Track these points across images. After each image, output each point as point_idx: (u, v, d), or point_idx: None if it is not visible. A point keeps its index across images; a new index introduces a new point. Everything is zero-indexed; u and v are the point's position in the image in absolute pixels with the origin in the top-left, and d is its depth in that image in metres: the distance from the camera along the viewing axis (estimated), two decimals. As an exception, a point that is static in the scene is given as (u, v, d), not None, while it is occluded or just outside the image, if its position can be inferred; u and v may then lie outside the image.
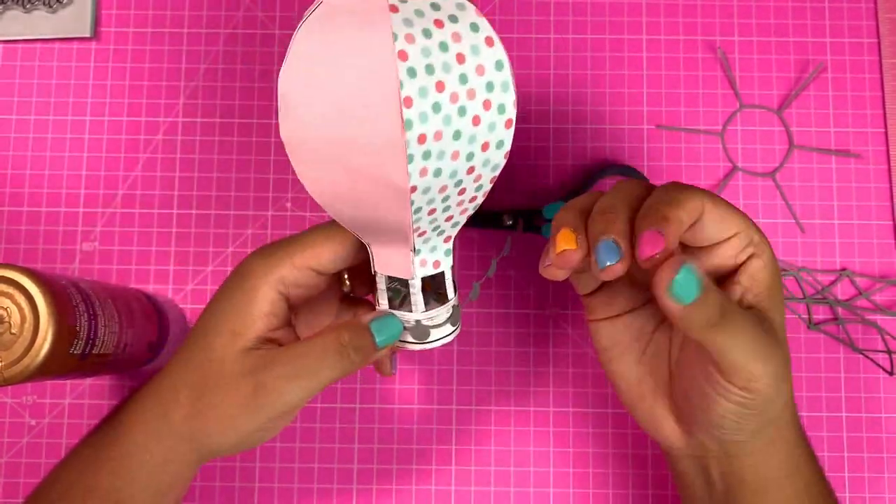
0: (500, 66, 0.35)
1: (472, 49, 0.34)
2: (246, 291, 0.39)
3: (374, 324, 0.39)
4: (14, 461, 0.53)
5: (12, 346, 0.38)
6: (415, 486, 0.53)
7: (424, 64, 0.33)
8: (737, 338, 0.35)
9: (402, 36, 0.32)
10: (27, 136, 0.56)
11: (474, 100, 0.34)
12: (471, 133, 0.34)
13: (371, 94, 0.33)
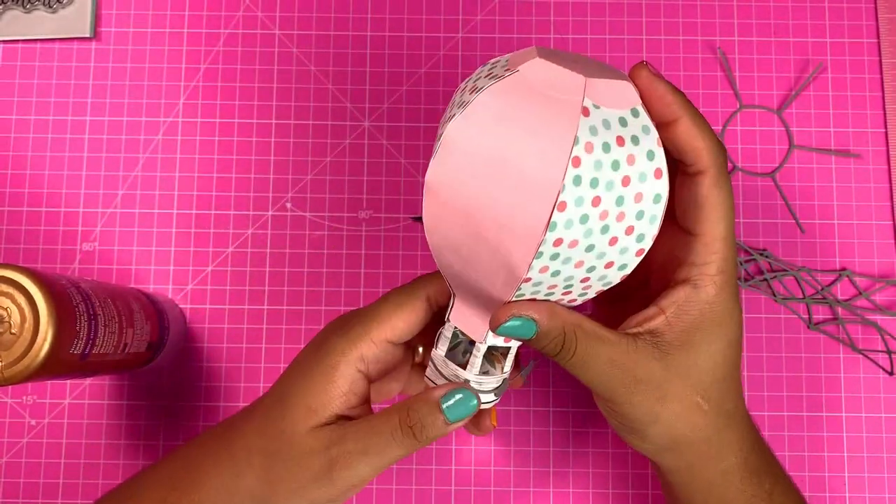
0: (657, 199, 0.34)
1: (640, 176, 0.33)
2: (325, 370, 0.39)
3: (445, 400, 0.38)
4: (14, 461, 0.53)
5: (12, 346, 0.38)
6: (415, 487, 0.53)
7: (591, 177, 0.32)
8: (585, 365, 0.37)
9: (583, 143, 0.32)
10: (27, 136, 0.56)
11: (621, 223, 0.34)
12: (603, 251, 0.34)
13: (532, 182, 0.32)
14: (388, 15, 0.57)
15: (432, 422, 0.38)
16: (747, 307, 0.54)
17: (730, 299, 0.38)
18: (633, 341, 0.37)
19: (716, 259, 0.37)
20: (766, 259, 0.54)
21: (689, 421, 0.38)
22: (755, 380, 0.53)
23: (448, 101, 0.56)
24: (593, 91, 0.33)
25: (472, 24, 0.57)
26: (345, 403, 0.39)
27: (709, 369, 0.38)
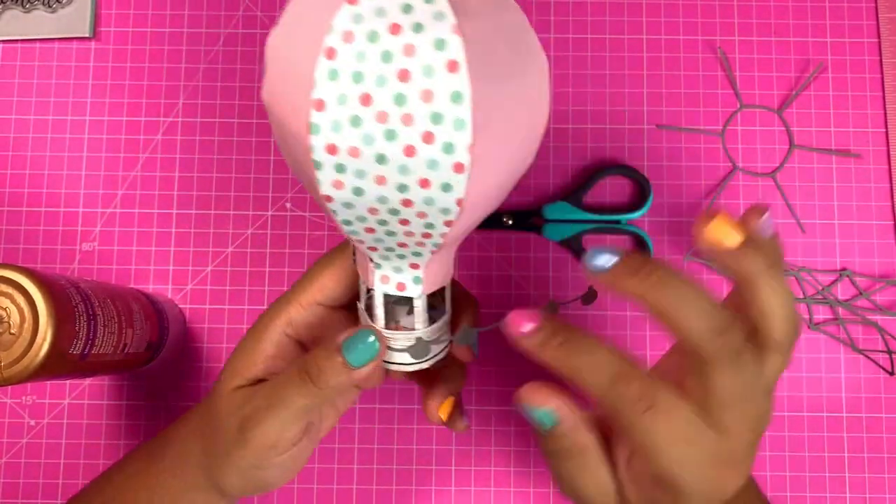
0: (457, 97, 0.29)
1: (424, 69, 0.28)
2: (255, 333, 0.39)
3: (346, 342, 0.35)
4: (14, 461, 0.53)
5: (12, 347, 0.38)
6: (415, 487, 0.53)
7: (353, 70, 0.28)
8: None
9: (339, 31, 0.29)
10: (27, 135, 0.56)
11: (410, 126, 0.29)
12: (402, 163, 0.29)
13: (293, 80, 0.30)
14: (388, 15, 0.57)
15: (331, 365, 0.35)
16: (748, 307, 0.54)
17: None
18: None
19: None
20: (766, 259, 0.54)
21: None
22: (755, 380, 0.53)
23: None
24: None
25: (472, 24, 0.57)
26: (269, 367, 0.38)
27: None
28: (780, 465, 0.53)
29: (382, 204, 0.31)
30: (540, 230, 0.54)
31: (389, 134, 0.29)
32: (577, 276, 0.55)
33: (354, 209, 0.31)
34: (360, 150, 0.29)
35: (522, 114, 0.31)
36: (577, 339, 0.33)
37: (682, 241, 0.55)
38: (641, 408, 0.31)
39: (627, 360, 0.32)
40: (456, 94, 0.29)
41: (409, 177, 0.30)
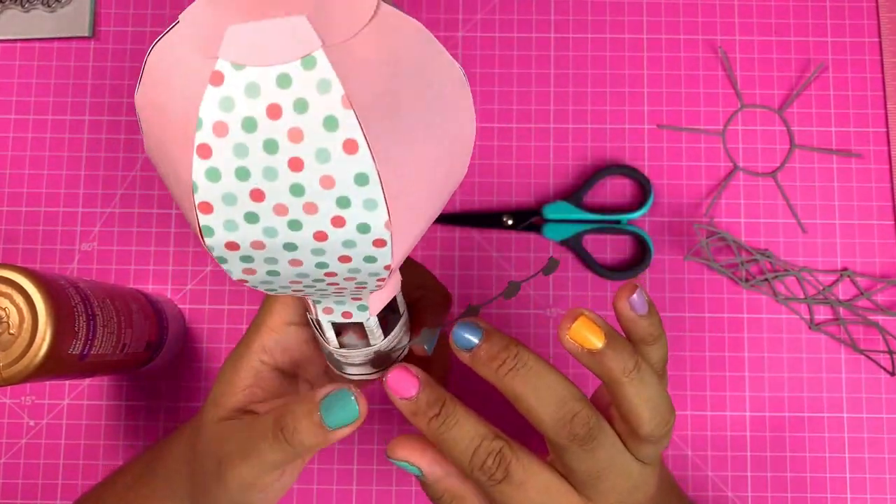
0: (362, 179, 0.25)
1: (317, 154, 0.25)
2: (233, 362, 0.38)
3: (325, 402, 0.34)
4: (13, 462, 0.53)
5: (11, 347, 0.38)
6: (415, 488, 0.53)
7: (235, 167, 0.25)
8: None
9: (208, 125, 0.25)
10: (26, 135, 0.56)
11: (315, 215, 0.26)
12: (314, 247, 0.27)
13: (172, 177, 0.26)
14: (388, 14, 0.57)
15: (307, 425, 0.34)
16: (749, 308, 0.54)
17: None
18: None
19: None
20: (767, 259, 0.54)
21: None
22: (756, 380, 0.53)
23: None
24: (234, 40, 0.25)
25: (473, 23, 0.57)
26: (247, 397, 0.37)
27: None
28: (780, 465, 0.53)
29: (304, 278, 0.29)
30: (540, 230, 0.54)
31: (293, 224, 0.26)
32: (576, 276, 0.55)
33: (274, 284, 0.29)
34: (264, 242, 0.26)
35: (441, 163, 0.28)
36: (448, 413, 0.34)
37: (683, 242, 0.55)
38: (496, 480, 0.34)
39: (490, 433, 0.34)
40: (360, 177, 0.25)
41: (326, 256, 0.27)
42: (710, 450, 0.53)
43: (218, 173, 0.25)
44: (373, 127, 0.25)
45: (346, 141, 0.25)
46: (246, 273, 0.28)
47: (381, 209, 0.26)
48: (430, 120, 0.27)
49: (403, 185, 0.26)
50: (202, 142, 0.25)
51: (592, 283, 0.54)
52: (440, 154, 0.28)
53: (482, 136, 0.56)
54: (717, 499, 0.52)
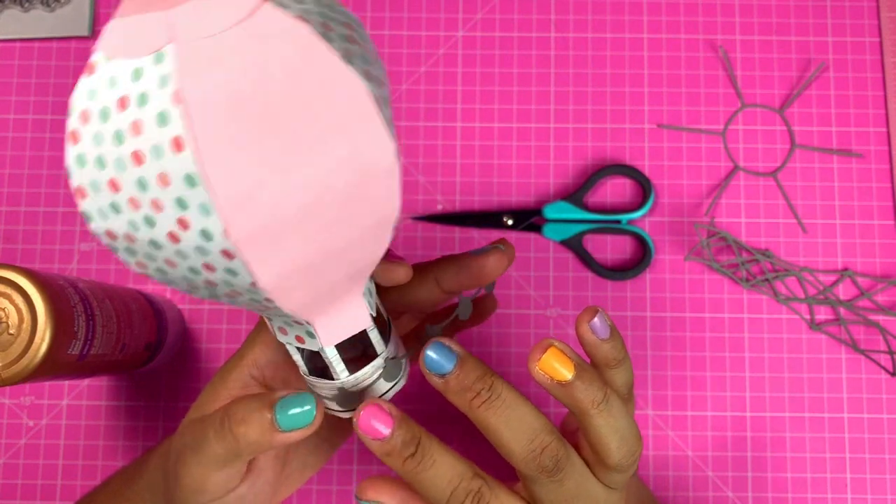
0: (190, 181, 0.24)
1: (153, 150, 0.24)
2: (222, 373, 0.37)
3: (283, 401, 0.33)
4: (12, 462, 0.53)
5: (10, 347, 0.38)
6: (415, 488, 0.53)
7: (95, 155, 0.25)
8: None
9: (77, 111, 0.26)
10: (25, 135, 0.56)
11: (162, 213, 0.25)
12: (175, 248, 0.26)
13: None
14: (387, 14, 0.57)
15: (257, 418, 0.33)
16: (749, 308, 0.54)
17: None
18: None
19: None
20: (767, 259, 0.54)
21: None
22: (757, 381, 0.53)
23: (448, 100, 0.56)
24: (111, 34, 0.26)
25: (473, 23, 0.57)
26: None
27: None
28: (781, 466, 0.52)
29: (193, 282, 0.28)
30: (540, 230, 0.54)
31: (148, 220, 0.26)
32: (577, 276, 0.54)
33: (172, 284, 0.29)
34: (133, 235, 0.26)
35: (325, 184, 0.26)
36: (424, 453, 0.33)
37: (683, 242, 0.55)
38: None
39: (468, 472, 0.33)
40: (189, 178, 0.24)
41: (191, 261, 0.26)
42: (711, 450, 0.53)
43: (84, 159, 0.26)
44: (207, 127, 0.24)
45: (174, 138, 0.24)
46: (138, 266, 0.28)
47: (214, 216, 0.25)
48: (299, 133, 0.25)
49: (257, 197, 0.25)
50: (72, 128, 0.26)
51: (592, 284, 0.54)
52: (319, 173, 0.25)
53: (482, 136, 0.56)
54: (717, 499, 0.52)
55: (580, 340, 0.34)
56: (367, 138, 0.26)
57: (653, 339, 0.54)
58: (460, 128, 0.56)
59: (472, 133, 0.56)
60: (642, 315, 0.54)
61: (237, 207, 0.25)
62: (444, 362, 0.33)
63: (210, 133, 0.24)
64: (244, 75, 0.24)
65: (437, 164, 0.56)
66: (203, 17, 0.25)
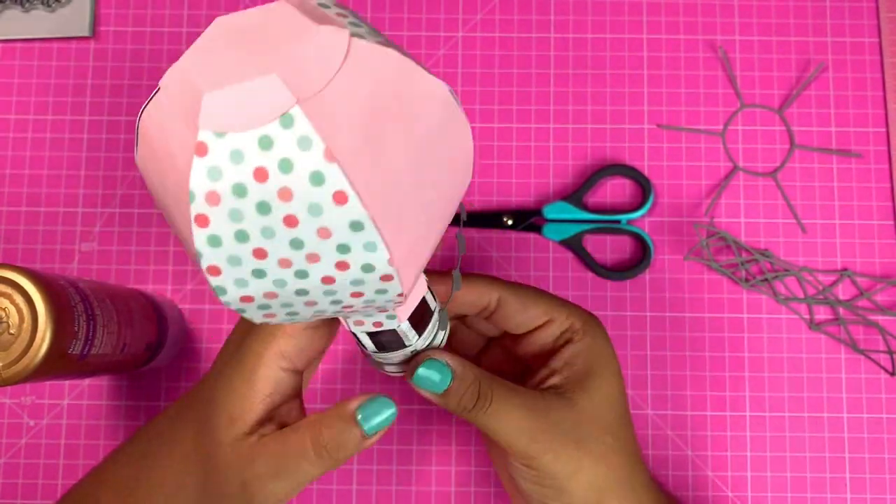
0: (357, 227, 0.26)
1: (310, 209, 0.25)
2: (244, 375, 0.36)
3: (362, 411, 0.35)
4: (12, 462, 0.53)
5: (10, 347, 0.38)
6: (415, 488, 0.53)
7: (233, 231, 0.26)
8: (501, 417, 0.37)
9: (201, 196, 0.25)
10: (26, 135, 0.56)
11: (319, 263, 0.27)
12: (324, 289, 0.28)
13: (182, 239, 0.28)
14: (387, 14, 0.57)
15: (349, 439, 0.35)
16: (749, 308, 0.54)
17: (605, 341, 0.40)
18: (542, 393, 0.38)
19: (573, 319, 0.40)
20: (767, 259, 0.54)
21: (608, 462, 0.38)
22: (756, 380, 0.53)
23: (448, 101, 0.56)
24: (212, 108, 0.25)
25: (473, 23, 0.57)
26: (267, 406, 0.36)
27: (611, 406, 0.39)
28: (781, 465, 0.53)
29: (323, 313, 0.30)
30: (540, 230, 0.54)
31: (300, 273, 0.27)
32: (576, 276, 0.55)
33: (297, 318, 0.30)
34: (276, 292, 0.27)
35: (438, 187, 0.28)
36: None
37: (683, 242, 0.55)
38: None
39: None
40: (355, 224, 0.26)
41: (338, 295, 0.28)
42: (711, 450, 0.53)
43: (219, 239, 0.26)
44: (359, 174, 0.25)
45: (336, 193, 0.25)
46: (267, 317, 0.29)
47: (381, 249, 0.26)
48: (418, 150, 0.27)
49: (401, 221, 0.27)
50: (198, 212, 0.25)
51: (592, 284, 0.54)
52: (435, 179, 0.28)
53: (482, 136, 0.56)
54: (717, 499, 0.52)
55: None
56: (459, 136, 0.29)
57: (652, 339, 0.54)
58: (460, 128, 0.56)
59: (471, 133, 0.56)
60: (642, 315, 0.54)
61: (398, 233, 0.26)
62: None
63: (364, 177, 0.25)
64: (368, 113, 0.25)
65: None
66: (306, 72, 0.25)
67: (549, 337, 0.40)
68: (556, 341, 0.40)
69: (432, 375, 0.36)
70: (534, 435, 0.37)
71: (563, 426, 0.38)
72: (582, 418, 0.38)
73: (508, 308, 0.40)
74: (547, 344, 0.41)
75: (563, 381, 0.39)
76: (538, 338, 0.41)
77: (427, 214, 0.28)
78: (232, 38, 0.26)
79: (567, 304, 0.41)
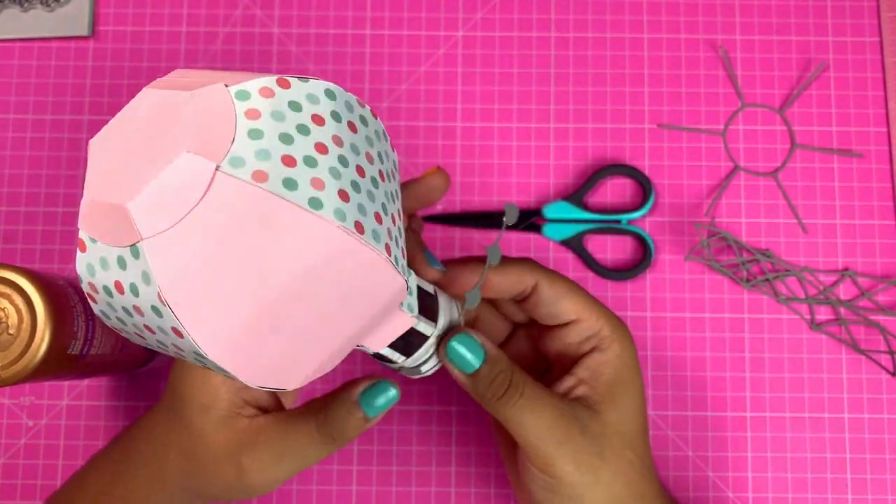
0: (200, 356, 0.28)
1: (158, 329, 0.28)
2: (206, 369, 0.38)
3: (365, 396, 0.36)
4: (12, 462, 0.53)
5: (10, 347, 0.38)
6: (415, 488, 0.53)
7: (113, 318, 0.29)
8: (530, 417, 0.36)
9: (84, 280, 0.28)
10: (25, 135, 0.56)
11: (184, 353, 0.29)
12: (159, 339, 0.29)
13: None
14: (387, 13, 0.57)
15: (353, 423, 0.36)
16: (750, 308, 0.54)
17: (633, 352, 0.39)
18: (570, 401, 0.38)
19: (603, 324, 0.39)
20: (768, 259, 0.53)
21: (626, 477, 0.38)
22: (757, 381, 0.53)
23: (448, 100, 0.56)
24: (87, 216, 0.27)
25: (473, 23, 0.57)
26: (231, 387, 0.37)
27: (634, 421, 0.39)
28: (781, 466, 0.52)
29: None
30: (540, 230, 0.54)
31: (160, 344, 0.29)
32: (577, 276, 0.54)
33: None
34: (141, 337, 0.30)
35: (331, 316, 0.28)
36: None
37: (683, 242, 0.55)
38: None
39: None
40: (198, 354, 0.28)
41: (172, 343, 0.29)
42: (711, 450, 0.53)
43: (104, 313, 0.29)
44: (192, 321, 0.26)
45: (172, 328, 0.26)
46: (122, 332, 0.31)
47: (230, 374, 0.28)
48: (280, 293, 0.26)
49: (256, 356, 0.27)
50: (87, 291, 0.28)
51: (593, 284, 0.54)
52: (317, 310, 0.27)
53: (482, 136, 0.56)
54: (717, 499, 0.52)
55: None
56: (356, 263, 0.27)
57: (653, 340, 0.54)
58: (460, 128, 0.56)
59: (472, 133, 0.56)
60: (642, 315, 0.54)
61: (246, 364, 0.27)
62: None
63: (201, 325, 0.26)
64: (219, 260, 0.25)
65: (437, 164, 0.55)
66: (162, 202, 0.25)
67: (575, 337, 0.39)
68: (582, 345, 0.39)
69: (465, 352, 0.35)
70: (560, 440, 0.36)
71: (588, 437, 0.37)
72: (606, 431, 0.37)
73: (541, 296, 0.38)
74: (572, 344, 0.39)
75: (590, 393, 0.38)
76: (565, 335, 0.39)
77: (305, 338, 0.28)
78: (135, 129, 0.27)
79: (599, 306, 0.39)
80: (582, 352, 0.39)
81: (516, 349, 0.44)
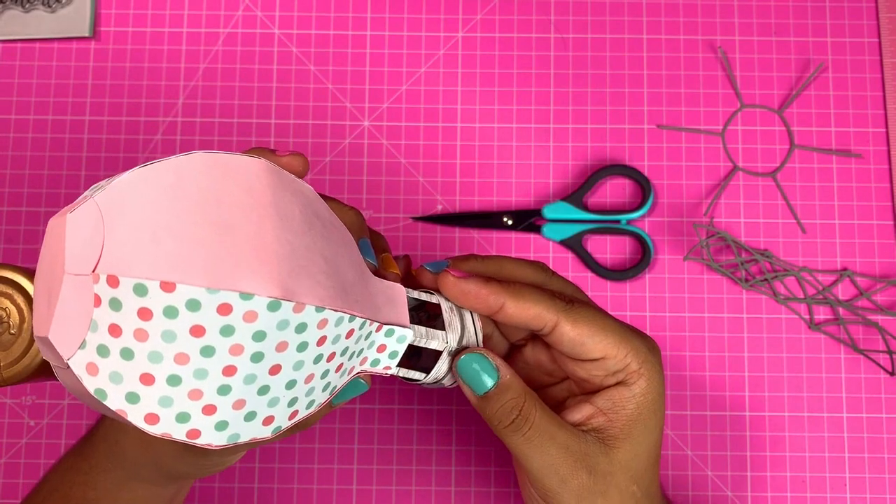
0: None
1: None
2: None
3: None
4: (13, 462, 0.53)
5: (11, 347, 0.38)
6: (415, 487, 0.53)
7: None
8: (535, 448, 0.35)
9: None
10: (26, 135, 0.56)
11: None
12: None
13: None
14: (387, 14, 0.57)
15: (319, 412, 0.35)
16: (749, 308, 0.54)
17: (659, 384, 0.38)
18: (581, 435, 0.37)
19: (631, 359, 0.37)
20: (767, 259, 0.54)
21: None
22: (756, 380, 0.53)
23: (448, 101, 0.56)
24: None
25: (473, 24, 0.57)
26: None
27: (646, 455, 0.38)
28: (780, 465, 0.53)
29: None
30: (540, 230, 0.54)
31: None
32: (576, 276, 0.55)
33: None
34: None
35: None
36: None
37: (682, 242, 0.55)
38: None
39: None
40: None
41: None
42: (710, 449, 0.53)
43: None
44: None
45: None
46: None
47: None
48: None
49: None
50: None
51: (592, 284, 0.54)
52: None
53: (482, 136, 0.56)
54: (716, 498, 0.52)
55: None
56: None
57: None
58: (460, 128, 0.56)
59: (472, 133, 0.56)
60: (642, 315, 0.54)
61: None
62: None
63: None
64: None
65: (437, 164, 0.56)
66: (57, 343, 0.27)
67: (600, 371, 0.37)
68: (607, 378, 0.38)
69: (475, 369, 0.35)
70: (563, 478, 0.36)
71: (595, 476, 0.36)
72: (614, 469, 0.37)
73: (563, 337, 0.37)
74: (597, 376, 0.38)
75: (608, 426, 0.37)
76: (590, 367, 0.38)
77: None
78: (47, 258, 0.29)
79: (628, 339, 0.37)
80: (606, 384, 0.38)
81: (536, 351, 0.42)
